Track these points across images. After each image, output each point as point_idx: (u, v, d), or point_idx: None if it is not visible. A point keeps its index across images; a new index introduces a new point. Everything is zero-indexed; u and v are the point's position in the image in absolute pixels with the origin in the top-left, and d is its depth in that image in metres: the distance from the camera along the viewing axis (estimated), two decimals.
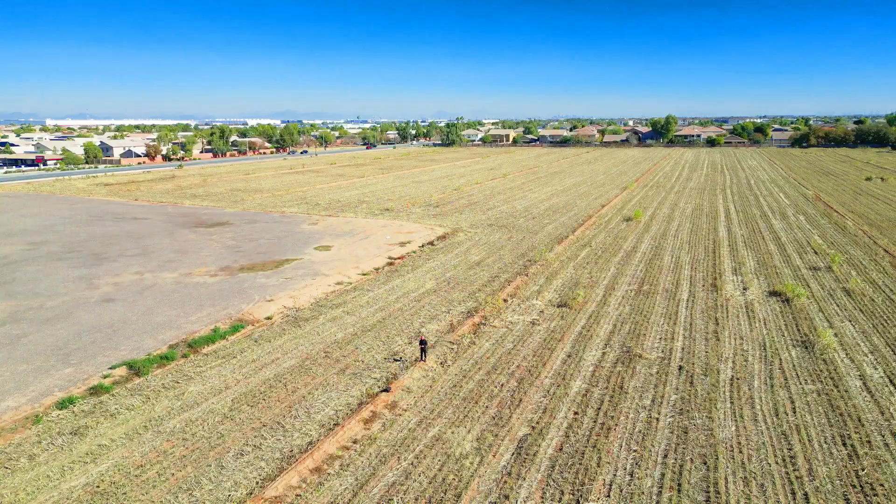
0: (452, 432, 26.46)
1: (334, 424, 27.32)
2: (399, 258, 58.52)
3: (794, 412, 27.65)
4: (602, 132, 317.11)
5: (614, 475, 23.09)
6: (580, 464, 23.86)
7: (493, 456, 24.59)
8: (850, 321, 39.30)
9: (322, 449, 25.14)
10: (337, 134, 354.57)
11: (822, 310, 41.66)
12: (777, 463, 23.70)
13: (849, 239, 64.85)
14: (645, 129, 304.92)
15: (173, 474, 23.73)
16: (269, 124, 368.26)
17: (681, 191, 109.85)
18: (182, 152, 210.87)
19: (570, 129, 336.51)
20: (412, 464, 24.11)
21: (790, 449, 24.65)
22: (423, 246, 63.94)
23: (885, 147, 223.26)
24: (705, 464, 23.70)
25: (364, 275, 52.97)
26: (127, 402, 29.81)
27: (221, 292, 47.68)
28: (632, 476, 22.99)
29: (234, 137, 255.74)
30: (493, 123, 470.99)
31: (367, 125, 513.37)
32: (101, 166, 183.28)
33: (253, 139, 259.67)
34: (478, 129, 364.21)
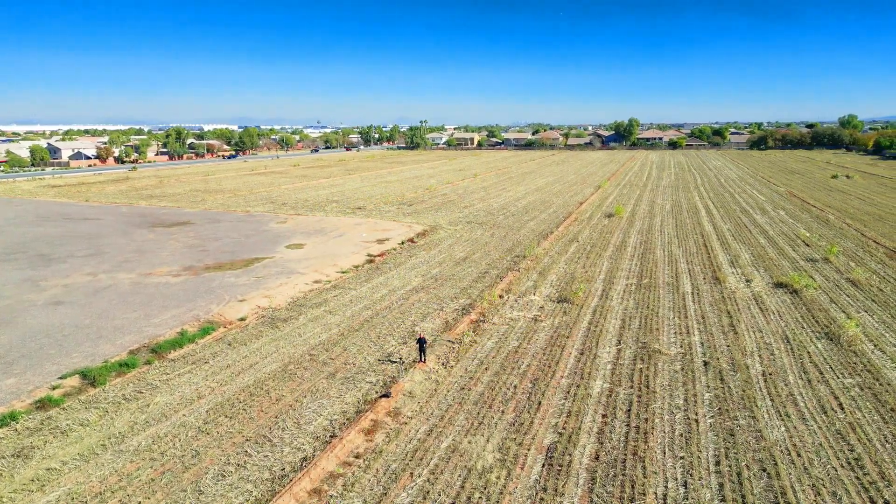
0: (469, 442, 22.94)
1: (331, 436, 23.50)
2: (379, 255, 54.71)
3: (843, 409, 25.04)
4: (566, 135, 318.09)
5: (666, 487, 19.93)
6: (623, 475, 20.63)
7: (521, 468, 21.17)
8: (866, 312, 37.28)
9: (320, 466, 21.30)
10: (298, 138, 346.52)
11: (833, 301, 39.62)
12: (843, 467, 20.91)
13: (835, 232, 63.81)
14: (607, 133, 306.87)
15: (140, 503, 19.58)
16: (226, 128, 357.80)
17: (654, 189, 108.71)
18: (136, 154, 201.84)
19: (533, 133, 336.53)
20: (429, 480, 20.50)
21: (852, 450, 21.92)
22: (402, 243, 60.24)
23: (839, 148, 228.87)
24: (765, 470, 20.76)
25: (343, 272, 49.00)
26: (81, 417, 25.38)
27: (186, 292, 43.11)
28: (686, 487, 19.87)
29: (190, 140, 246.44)
30: (455, 128, 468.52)
31: (327, 130, 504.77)
32: (49, 169, 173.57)
33: (211, 141, 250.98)
34: (441, 133, 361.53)
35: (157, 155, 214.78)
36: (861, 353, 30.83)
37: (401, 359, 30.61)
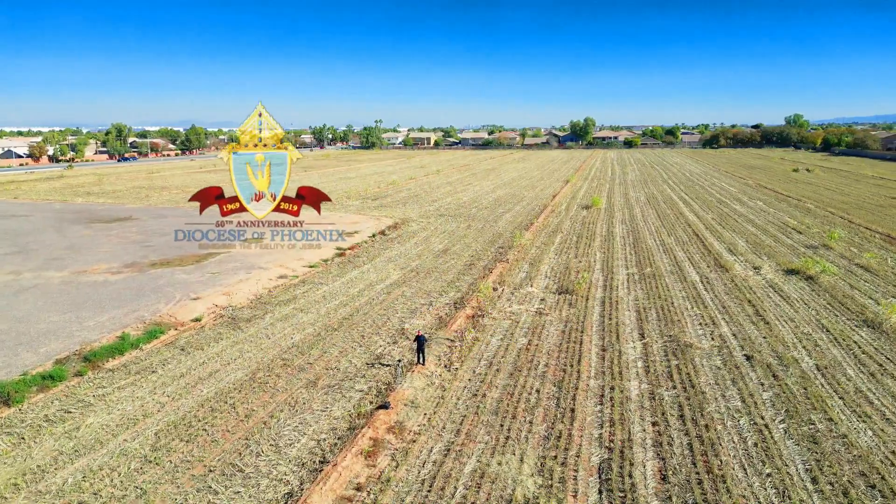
0: (499, 463, 18.14)
1: (320, 462, 18.32)
2: (350, 248, 49.43)
3: None
4: (522, 135, 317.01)
5: None
6: (705, 500, 16.21)
7: (574, 497, 16.52)
8: (894, 298, 34.21)
9: None
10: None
11: (854, 287, 36.52)
12: None
13: (821, 220, 61.71)
14: (563, 133, 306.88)
15: None
16: (171, 129, 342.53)
17: (623, 183, 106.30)
18: (72, 153, 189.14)
19: (490, 133, 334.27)
20: None
21: None
22: (373, 236, 55.04)
23: (788, 147, 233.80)
24: (873, 486, 16.69)
25: (311, 267, 43.55)
26: None
27: (129, 291, 36.93)
28: None
29: (132, 139, 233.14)
30: (408, 130, 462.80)
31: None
32: None
33: (155, 140, 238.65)
34: (396, 134, 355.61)
35: (95, 154, 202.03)
36: None
37: (399, 360, 25.51)
